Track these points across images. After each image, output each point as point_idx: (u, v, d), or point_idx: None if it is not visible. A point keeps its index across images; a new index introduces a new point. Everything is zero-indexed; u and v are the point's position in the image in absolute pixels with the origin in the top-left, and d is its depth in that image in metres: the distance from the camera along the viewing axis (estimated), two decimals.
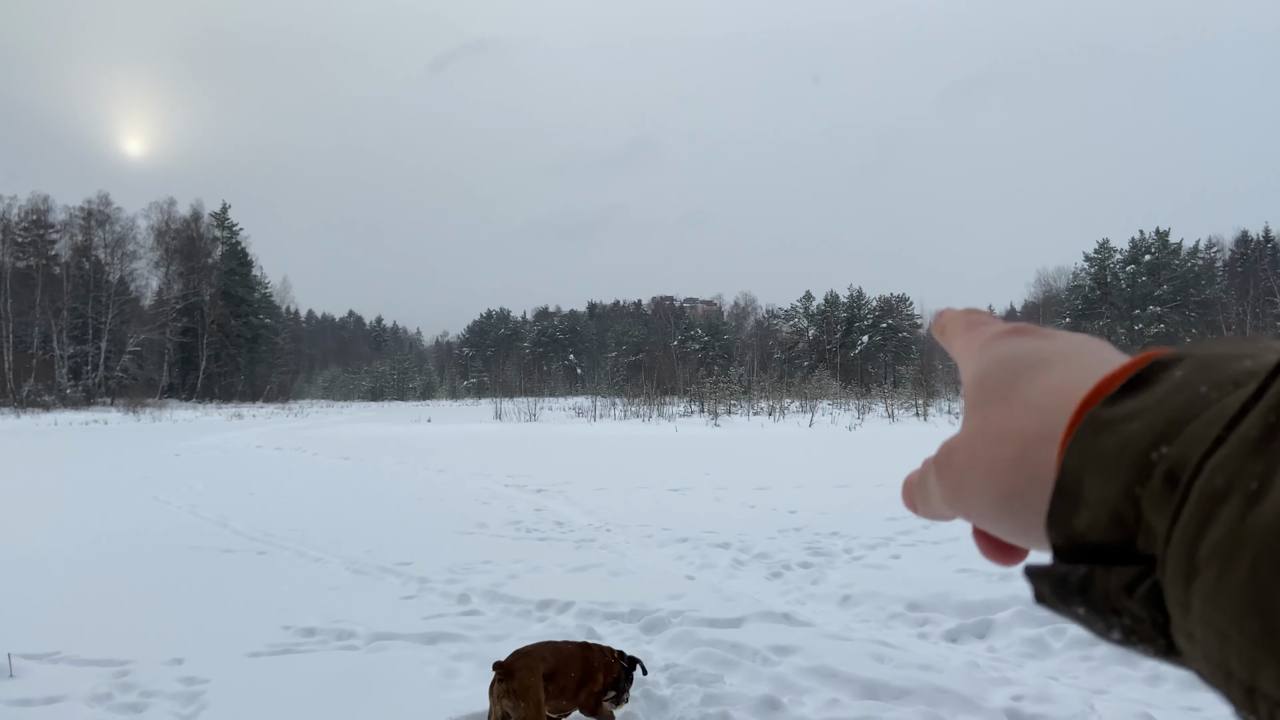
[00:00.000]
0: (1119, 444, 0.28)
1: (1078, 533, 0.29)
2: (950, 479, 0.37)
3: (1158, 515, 0.26)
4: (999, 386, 0.36)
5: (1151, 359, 0.31)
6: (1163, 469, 0.26)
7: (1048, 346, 0.37)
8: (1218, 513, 0.23)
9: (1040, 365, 0.36)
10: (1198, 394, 0.28)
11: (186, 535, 9.19)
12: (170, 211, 75.13)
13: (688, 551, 8.12)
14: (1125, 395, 0.30)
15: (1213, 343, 0.31)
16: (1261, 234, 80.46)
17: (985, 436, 0.35)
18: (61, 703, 4.38)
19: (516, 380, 69.57)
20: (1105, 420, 0.29)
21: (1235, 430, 0.24)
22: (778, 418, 37.13)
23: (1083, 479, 0.29)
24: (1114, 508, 0.28)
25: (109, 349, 65.09)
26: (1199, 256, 68.68)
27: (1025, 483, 0.33)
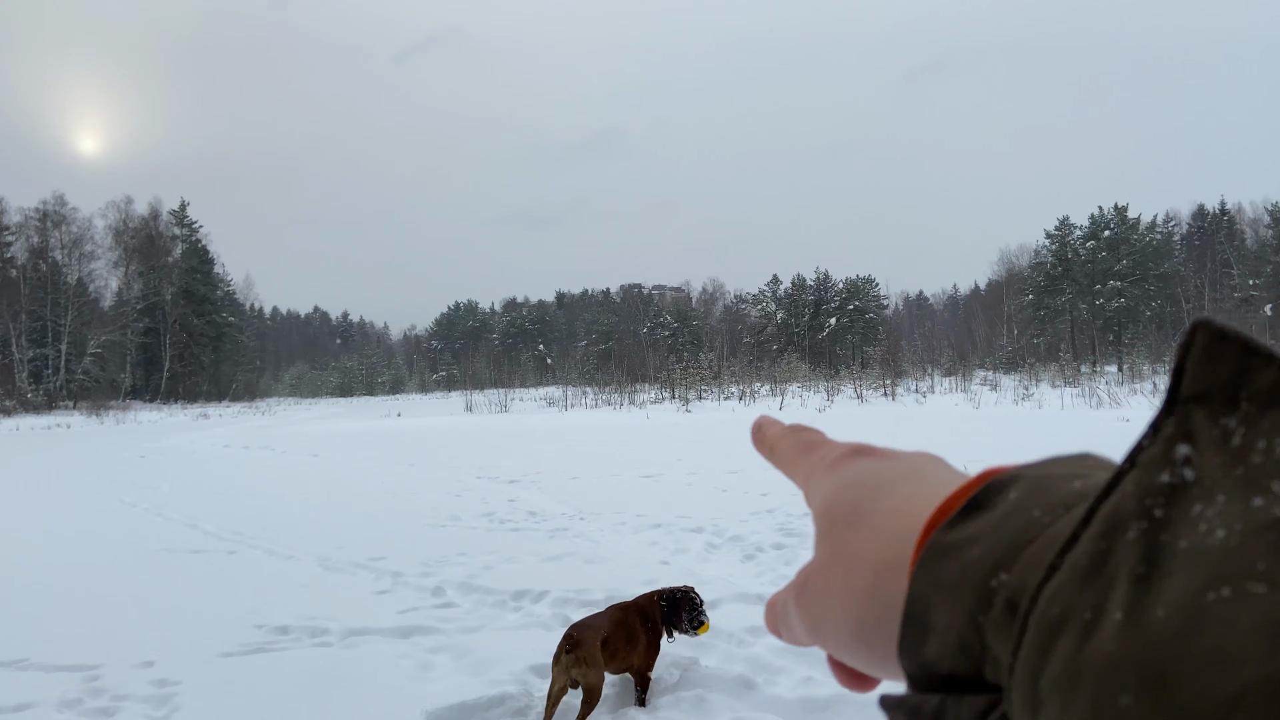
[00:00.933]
0: (960, 570, 0.28)
1: (928, 661, 0.29)
2: (807, 609, 0.36)
3: (1001, 645, 0.26)
4: (847, 512, 0.36)
5: (988, 480, 0.30)
6: (1003, 597, 0.26)
7: (891, 468, 0.37)
8: (1055, 644, 0.23)
9: (885, 487, 0.36)
10: (1031, 518, 0.27)
11: (154, 537, 9.07)
12: (128, 210, 73.80)
13: (661, 537, 8.15)
14: (965, 518, 0.29)
15: (1045, 462, 0.31)
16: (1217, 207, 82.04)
17: (838, 565, 0.35)
18: (31, 709, 4.32)
19: (486, 372, 69.32)
20: (947, 545, 0.29)
21: (1068, 557, 0.24)
22: (748, 402, 37.32)
23: (929, 606, 0.29)
24: (960, 636, 0.27)
25: (70, 351, 63.85)
26: (1157, 231, 69.81)
27: (881, 611, 0.32)
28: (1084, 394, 28.07)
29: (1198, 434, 0.23)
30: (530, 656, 4.74)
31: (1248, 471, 0.22)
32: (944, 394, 36.80)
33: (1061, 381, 36.96)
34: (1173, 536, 0.22)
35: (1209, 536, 0.21)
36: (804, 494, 0.41)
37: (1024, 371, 44.78)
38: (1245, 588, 0.20)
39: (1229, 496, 0.22)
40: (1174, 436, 0.23)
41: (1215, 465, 0.22)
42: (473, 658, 4.82)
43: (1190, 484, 0.22)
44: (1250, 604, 0.19)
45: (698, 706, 3.98)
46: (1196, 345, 0.23)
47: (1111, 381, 35.71)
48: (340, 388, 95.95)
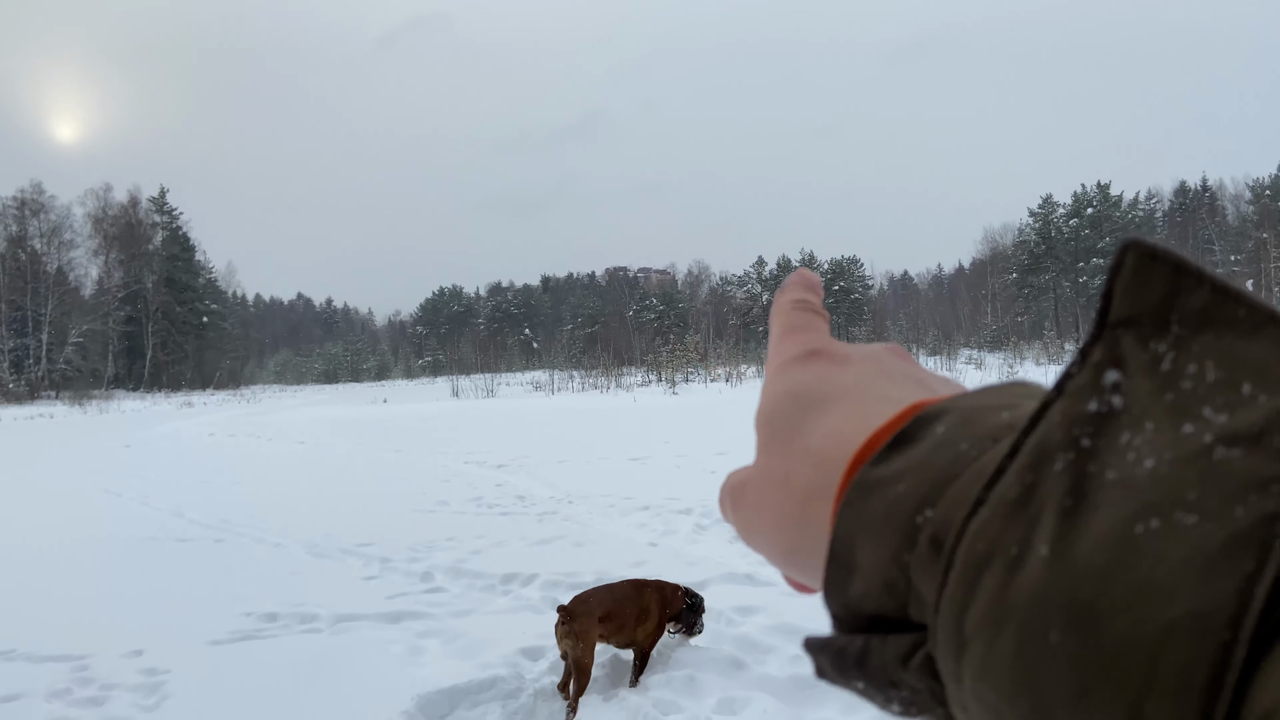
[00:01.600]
0: (886, 507, 0.27)
1: (853, 601, 0.28)
2: (740, 520, 0.36)
3: (926, 582, 0.25)
4: (784, 426, 0.34)
5: (917, 412, 0.29)
6: (928, 533, 0.25)
7: (835, 377, 0.35)
8: (981, 581, 0.22)
9: (824, 403, 0.34)
10: (959, 451, 0.27)
11: (141, 526, 9.03)
12: (107, 198, 72.94)
13: (650, 519, 8.18)
14: (891, 453, 0.28)
15: (975, 392, 0.30)
16: (1199, 184, 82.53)
17: (770, 482, 0.34)
18: (20, 700, 4.30)
19: (472, 357, 69.15)
20: (873, 481, 0.28)
21: (993, 490, 0.23)
22: (735, 384, 37.40)
23: (854, 544, 0.28)
24: (885, 575, 0.27)
25: (51, 341, 63.24)
26: (1139, 208, 70.22)
27: (809, 539, 0.31)
28: None
29: (1127, 359, 0.22)
30: (520, 640, 4.75)
31: (1178, 397, 0.21)
32: None
33: (1046, 359, 37.21)
34: (1100, 467, 0.21)
35: (1137, 466, 0.21)
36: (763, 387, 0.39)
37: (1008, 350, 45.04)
38: (1175, 519, 0.19)
39: (1158, 424, 0.21)
40: (1102, 363, 0.23)
41: (1145, 391, 0.22)
42: (463, 642, 4.83)
43: (1119, 412, 0.22)
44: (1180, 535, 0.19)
45: (688, 686, 4.01)
46: (1126, 267, 0.23)
47: None
48: (325, 374, 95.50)
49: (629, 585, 4.44)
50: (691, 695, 3.94)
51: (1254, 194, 63.70)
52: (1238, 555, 0.18)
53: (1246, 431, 0.20)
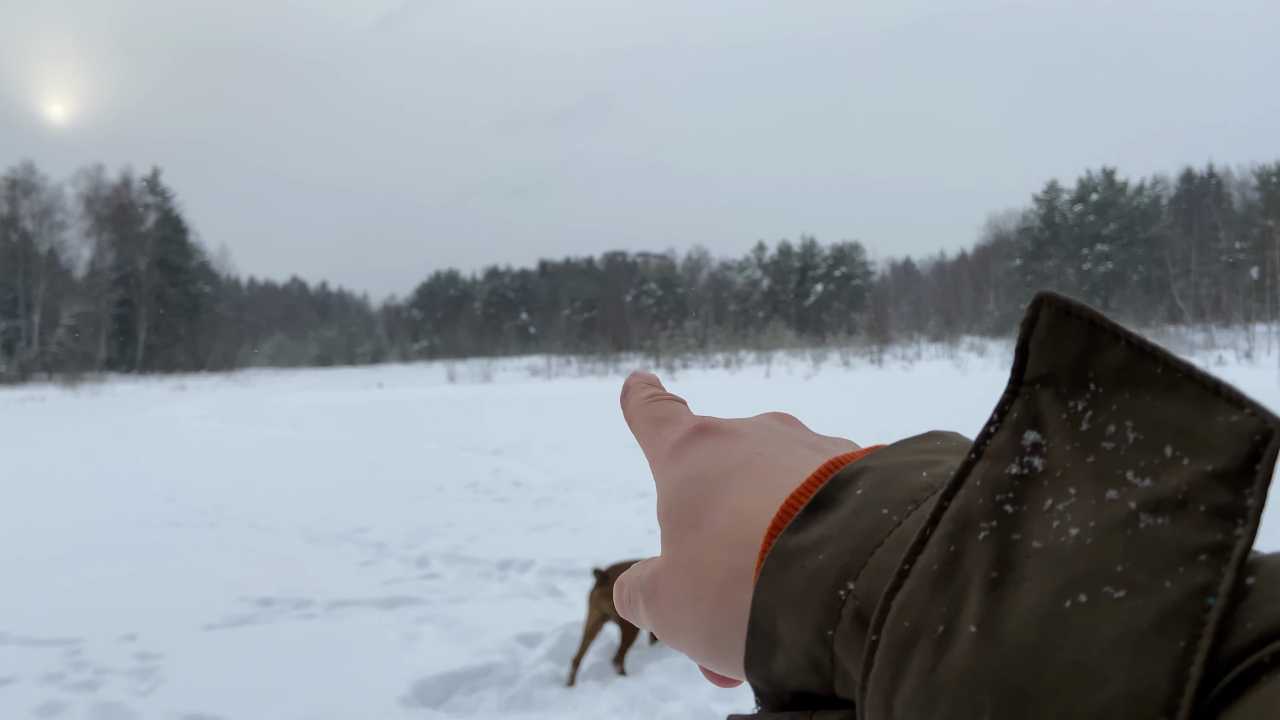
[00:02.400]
0: (806, 578, 0.25)
1: (777, 677, 0.27)
2: (656, 617, 0.34)
3: (852, 660, 0.24)
4: (688, 514, 0.33)
5: (834, 473, 0.28)
6: (851, 608, 0.24)
7: (732, 451, 0.34)
8: (909, 661, 0.21)
9: (725, 481, 0.32)
10: (879, 516, 0.25)
11: (134, 510, 8.98)
12: (99, 179, 72.42)
13: (647, 506, 8.15)
14: (809, 518, 0.27)
15: (891, 448, 0.29)
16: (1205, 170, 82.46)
17: (684, 574, 0.32)
18: (12, 684, 4.26)
19: (469, 342, 69.05)
20: (791, 550, 0.27)
21: (916, 562, 0.22)
22: (734, 370, 37.42)
23: (775, 617, 0.26)
24: (808, 651, 0.25)
25: (42, 323, 63.02)
26: (1145, 194, 70.08)
27: (729, 624, 0.30)
28: None
29: (1045, 418, 0.22)
30: (517, 626, 4.73)
31: (1099, 460, 0.21)
32: (931, 360, 37.04)
33: None
34: (1025, 536, 0.21)
35: (1062, 535, 0.20)
36: (654, 478, 0.38)
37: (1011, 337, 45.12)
38: (1103, 593, 0.19)
39: (1080, 489, 0.21)
40: (1020, 422, 0.22)
41: (1065, 453, 0.21)
42: (459, 628, 4.81)
43: (1040, 474, 0.21)
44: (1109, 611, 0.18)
45: (686, 673, 3.99)
46: (1040, 322, 0.22)
47: None
48: (320, 358, 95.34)
49: None
50: (689, 682, 3.93)
51: (1260, 181, 63.58)
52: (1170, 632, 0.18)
53: (1170, 497, 0.19)
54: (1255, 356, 24.02)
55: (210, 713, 3.83)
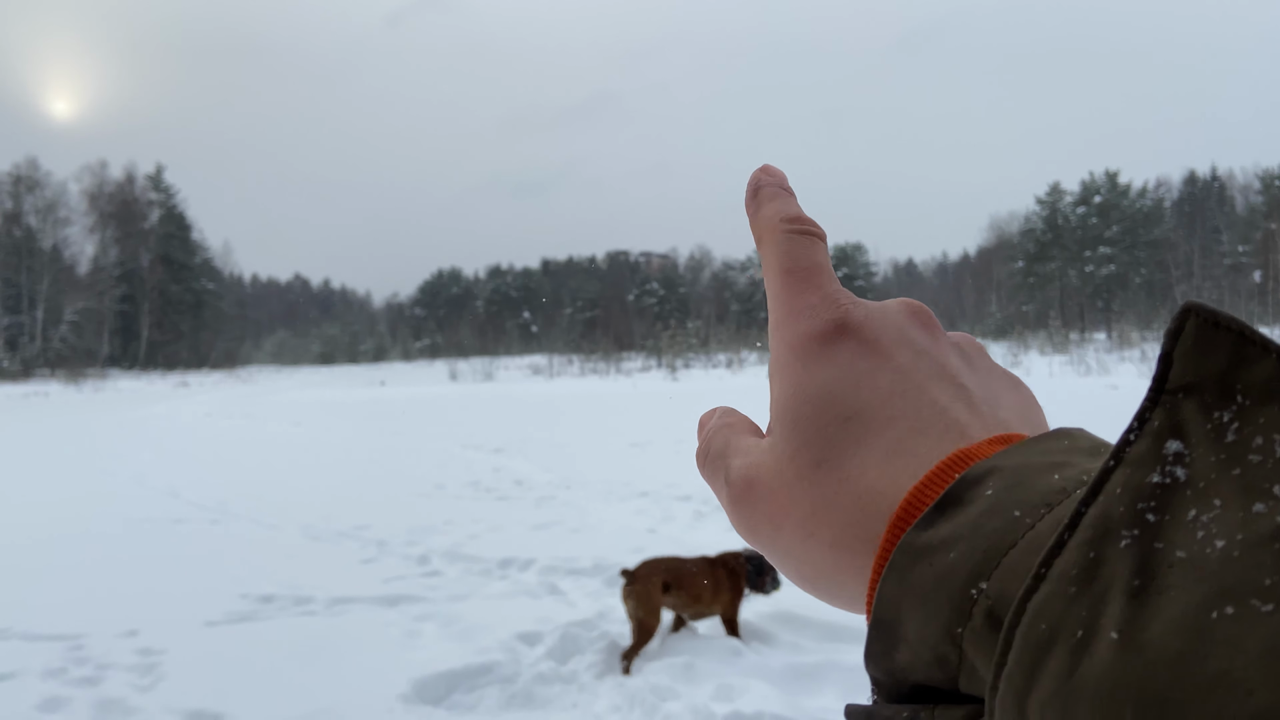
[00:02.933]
0: (936, 576, 0.26)
1: (898, 669, 0.27)
2: (747, 521, 0.34)
3: (982, 659, 0.24)
4: (815, 440, 0.32)
5: (962, 470, 0.28)
6: (983, 608, 0.24)
7: (868, 382, 0.33)
8: (1044, 663, 0.21)
9: (858, 424, 0.32)
10: (1011, 518, 0.25)
11: (136, 506, 9.00)
12: (103, 175, 72.55)
13: (649, 505, 8.17)
14: (938, 516, 0.27)
15: (1020, 447, 0.28)
16: (1209, 173, 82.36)
17: (797, 504, 0.32)
18: (14, 679, 4.28)
19: (471, 340, 69.06)
20: (920, 548, 0.27)
21: (1054, 566, 0.22)
22: (736, 370, 37.40)
23: (901, 613, 0.27)
24: (935, 648, 0.25)
25: (46, 319, 63.10)
26: (1148, 197, 69.96)
27: (838, 574, 0.31)
28: (1072, 361, 28.25)
29: (1188, 428, 0.22)
30: (517, 624, 4.74)
31: (1246, 472, 0.20)
32: None
33: (1050, 349, 37.21)
34: (1168, 545, 0.20)
35: (1208, 546, 0.20)
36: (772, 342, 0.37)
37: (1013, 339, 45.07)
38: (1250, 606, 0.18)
39: (1227, 501, 0.20)
40: (1162, 430, 0.22)
41: (1209, 464, 0.21)
42: (459, 626, 4.82)
43: (1183, 484, 0.21)
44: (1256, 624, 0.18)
45: (686, 672, 4.00)
46: (1186, 332, 0.22)
47: (1100, 349, 35.99)
48: (322, 356, 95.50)
49: (701, 561, 4.57)
50: (689, 681, 3.93)
51: (1263, 184, 63.48)
52: None
53: None
54: None
55: (211, 709, 3.84)
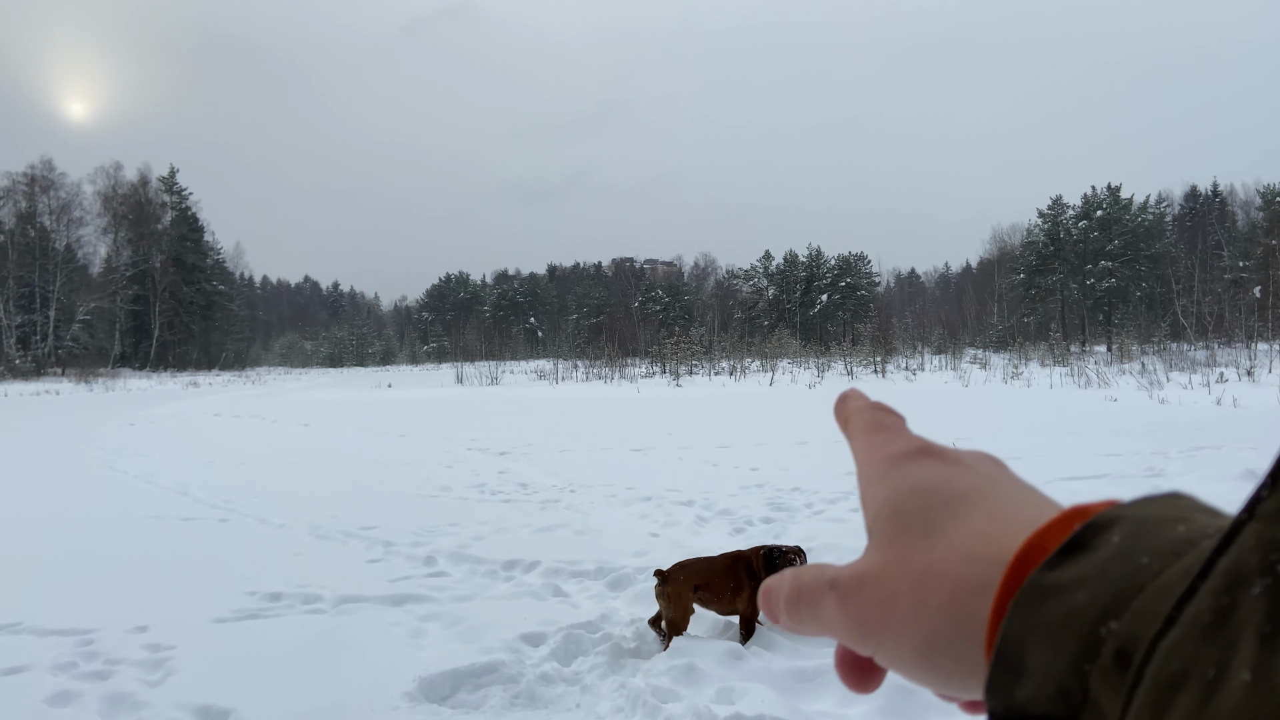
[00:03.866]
0: (1064, 614, 0.27)
1: (1019, 703, 0.28)
2: (859, 614, 0.35)
3: (1108, 695, 0.25)
4: (917, 522, 0.35)
5: (1087, 519, 0.29)
6: (1112, 646, 0.25)
7: (960, 478, 0.36)
8: (1174, 700, 0.22)
9: (959, 503, 0.35)
10: (1140, 564, 0.26)
11: (145, 504, 9.08)
12: (117, 176, 72.99)
13: (651, 510, 8.21)
14: (1066, 559, 0.28)
15: (1141, 502, 0.30)
16: (1210, 189, 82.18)
17: (907, 577, 0.34)
18: (25, 672, 4.34)
19: (477, 344, 69.16)
20: (1049, 587, 0.28)
21: (1186, 609, 0.23)
22: (739, 377, 37.38)
23: (1026, 648, 0.28)
24: (1060, 681, 0.26)
25: (58, 318, 63.41)
26: (1149, 211, 69.86)
27: (953, 631, 0.32)
28: (1073, 373, 28.20)
29: None
30: (522, 625, 4.79)
31: None
32: (934, 371, 36.96)
33: (1051, 360, 37.10)
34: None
35: None
36: (859, 476, 0.40)
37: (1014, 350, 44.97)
38: None
39: None
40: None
41: None
42: (464, 626, 4.87)
43: None
44: None
45: (687, 674, 4.04)
46: None
47: (1100, 361, 35.89)
48: (330, 358, 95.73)
49: (726, 558, 4.77)
50: (690, 684, 3.97)
51: (1264, 200, 63.36)
52: None
53: None
54: (1257, 375, 23.89)
55: (219, 705, 3.90)
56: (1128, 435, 12.04)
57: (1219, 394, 18.49)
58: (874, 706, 3.77)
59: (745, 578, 4.64)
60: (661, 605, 4.58)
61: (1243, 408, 15.99)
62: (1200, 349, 36.49)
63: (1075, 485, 8.41)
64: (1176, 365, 29.51)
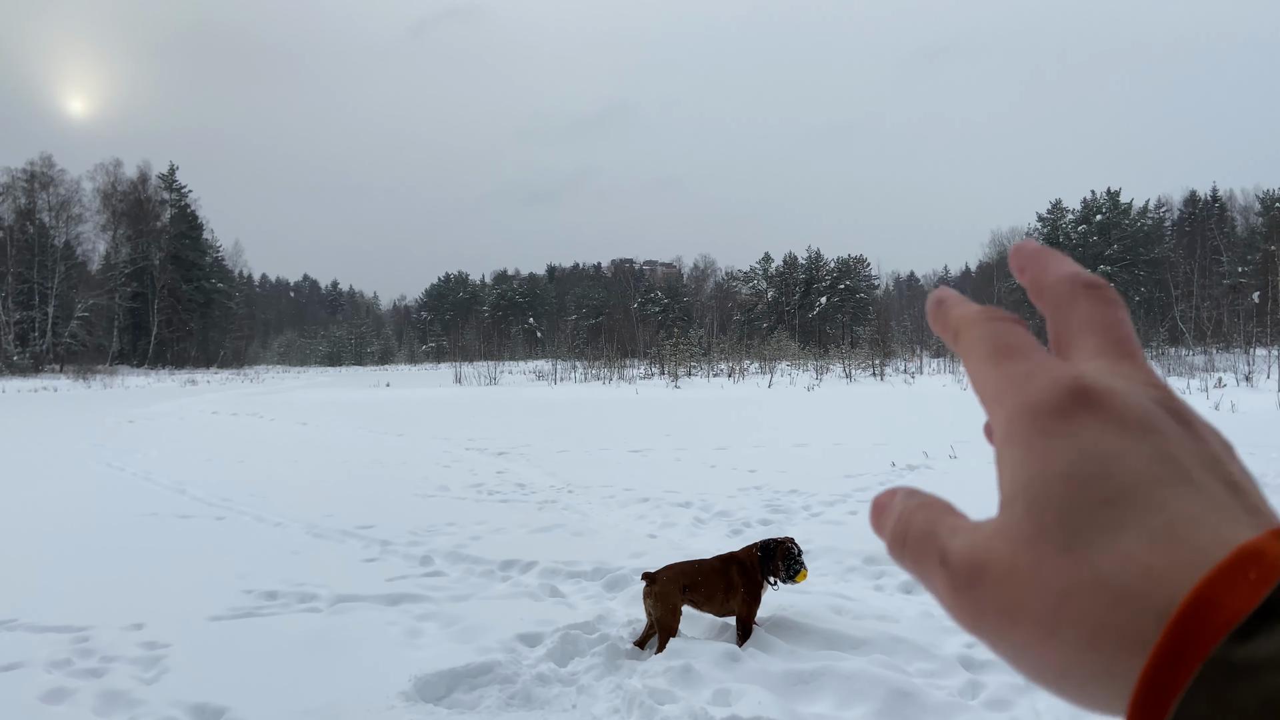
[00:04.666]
0: (1263, 702, 0.22)
1: None
2: (973, 609, 0.29)
3: None
4: (1060, 527, 0.27)
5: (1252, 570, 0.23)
6: None
7: (1125, 462, 0.28)
8: None
9: (1117, 504, 0.27)
10: None
11: (142, 502, 9.07)
12: (116, 174, 72.89)
13: (649, 511, 8.20)
14: (1259, 628, 0.23)
15: None
16: (1209, 194, 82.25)
17: (1040, 594, 0.27)
18: (20, 669, 4.34)
19: (476, 344, 69.13)
20: (1241, 666, 0.22)
21: None
22: (737, 379, 37.39)
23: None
24: None
25: (56, 314, 63.34)
26: (1148, 216, 69.91)
27: (1086, 678, 0.26)
28: None
29: None
30: (518, 625, 4.78)
31: None
32: (932, 375, 36.97)
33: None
34: None
35: None
36: (989, 419, 0.32)
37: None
38: None
39: None
40: None
41: None
42: (461, 625, 4.86)
43: None
44: None
45: (684, 676, 4.03)
46: None
47: None
48: (329, 357, 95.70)
49: (716, 560, 4.74)
50: (687, 686, 3.97)
51: (1264, 205, 63.40)
52: None
53: None
54: (1255, 380, 23.92)
55: (215, 703, 3.89)
56: None
57: (1217, 399, 18.51)
58: (870, 709, 3.77)
59: (739, 579, 4.62)
60: (648, 606, 4.58)
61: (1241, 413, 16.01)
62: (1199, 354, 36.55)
63: None
64: (1175, 370, 29.54)
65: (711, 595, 4.61)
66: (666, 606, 4.52)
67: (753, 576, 4.62)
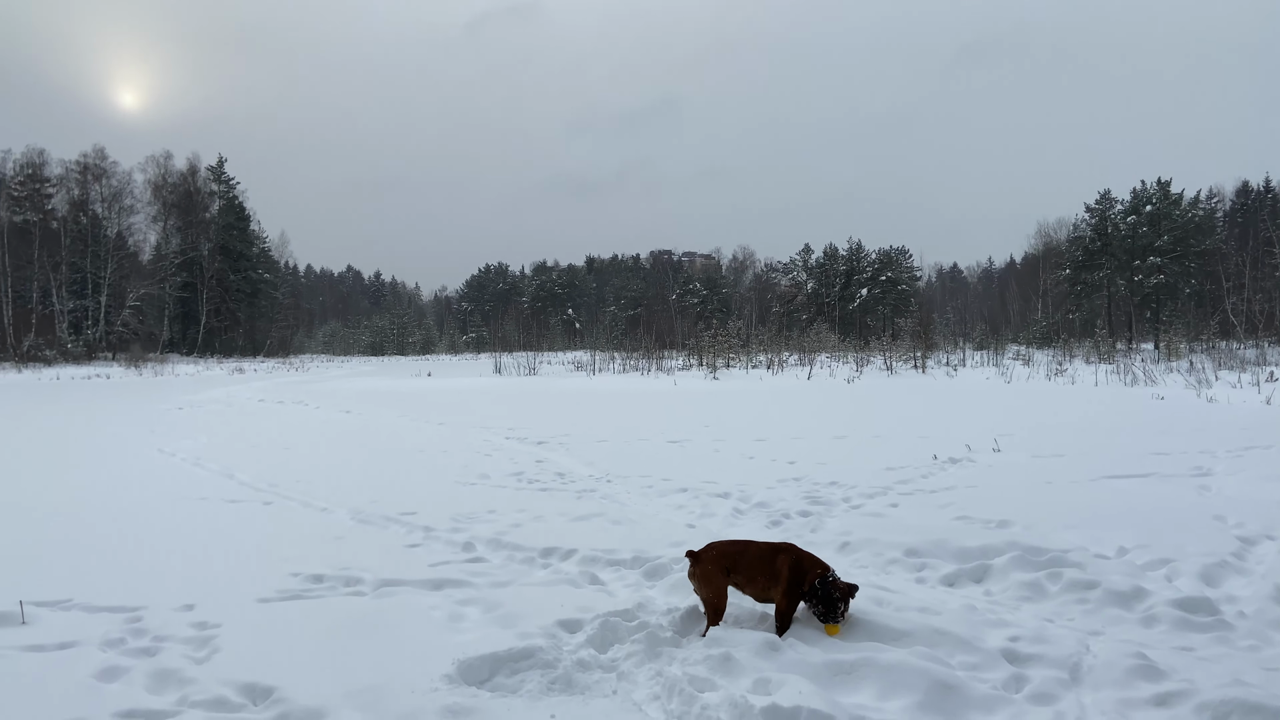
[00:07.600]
0: None
1: None
2: None
3: None
4: None
5: None
6: None
7: None
8: None
9: None
10: None
11: (192, 486, 9.28)
12: (167, 165, 74.30)
13: (688, 501, 8.20)
14: None
15: None
16: (1262, 184, 79.94)
17: None
18: (75, 648, 4.46)
19: (515, 334, 69.51)
20: None
21: None
22: (776, 371, 37.17)
23: None
24: None
25: (109, 303, 64.84)
26: (1200, 207, 68.00)
27: None
28: (1119, 371, 27.63)
29: None
30: (559, 612, 4.82)
31: None
32: (975, 368, 36.42)
33: (1096, 358, 36.37)
34: None
35: None
36: None
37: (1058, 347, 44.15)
38: None
39: None
40: None
41: None
42: (502, 610, 4.91)
43: None
44: None
45: (724, 664, 4.03)
46: None
47: (1147, 359, 35.12)
48: (372, 346, 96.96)
49: (765, 546, 4.75)
50: (727, 674, 3.97)
51: None
52: None
53: None
54: None
55: (263, 682, 3.97)
56: (1174, 434, 11.78)
57: (1269, 393, 18.00)
58: (912, 701, 3.74)
59: (785, 571, 4.57)
60: (695, 586, 4.64)
61: None
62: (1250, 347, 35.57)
63: (1120, 484, 8.26)
64: (1225, 363, 28.77)
65: (753, 578, 4.64)
66: (711, 586, 4.59)
67: (798, 575, 4.57)
